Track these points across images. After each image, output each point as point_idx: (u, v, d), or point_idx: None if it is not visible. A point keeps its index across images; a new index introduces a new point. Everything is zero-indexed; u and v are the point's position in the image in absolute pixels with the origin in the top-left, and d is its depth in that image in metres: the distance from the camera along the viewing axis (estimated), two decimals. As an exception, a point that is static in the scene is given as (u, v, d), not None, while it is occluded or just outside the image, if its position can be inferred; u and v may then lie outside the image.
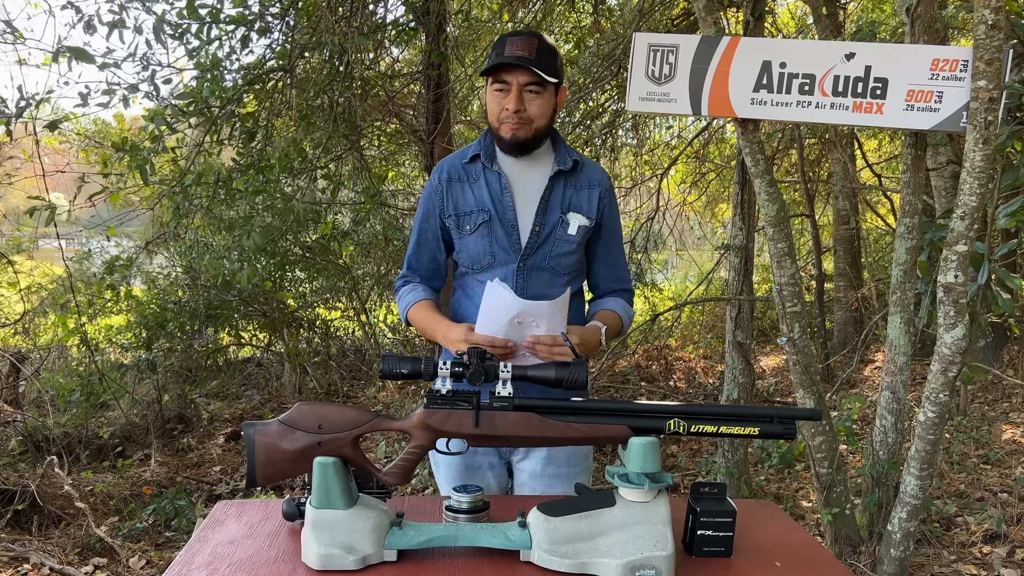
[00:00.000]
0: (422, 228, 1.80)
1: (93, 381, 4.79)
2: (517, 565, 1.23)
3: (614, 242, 1.85)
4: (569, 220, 1.75)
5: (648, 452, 1.21)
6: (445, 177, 1.76)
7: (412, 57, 6.48)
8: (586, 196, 1.77)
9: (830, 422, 2.91)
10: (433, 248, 1.81)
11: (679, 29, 5.37)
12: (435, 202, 1.77)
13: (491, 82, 1.67)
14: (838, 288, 7.25)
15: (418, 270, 1.84)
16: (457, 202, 1.75)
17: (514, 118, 1.66)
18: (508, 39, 1.65)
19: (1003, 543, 3.25)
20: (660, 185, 6.06)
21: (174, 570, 1.21)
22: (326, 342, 6.71)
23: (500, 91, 1.66)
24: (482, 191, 1.73)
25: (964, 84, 2.39)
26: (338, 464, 1.22)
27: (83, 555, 3.34)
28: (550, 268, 1.75)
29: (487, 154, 1.74)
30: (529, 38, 1.65)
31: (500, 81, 1.65)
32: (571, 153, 1.77)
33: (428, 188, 1.79)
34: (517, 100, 1.65)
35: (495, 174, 1.74)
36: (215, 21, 3.93)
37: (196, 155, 4.34)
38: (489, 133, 1.76)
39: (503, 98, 1.67)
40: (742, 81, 2.57)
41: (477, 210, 1.73)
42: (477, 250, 1.73)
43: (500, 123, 1.68)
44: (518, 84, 1.65)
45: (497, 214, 1.72)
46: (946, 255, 2.35)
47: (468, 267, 1.77)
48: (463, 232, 1.74)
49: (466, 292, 1.80)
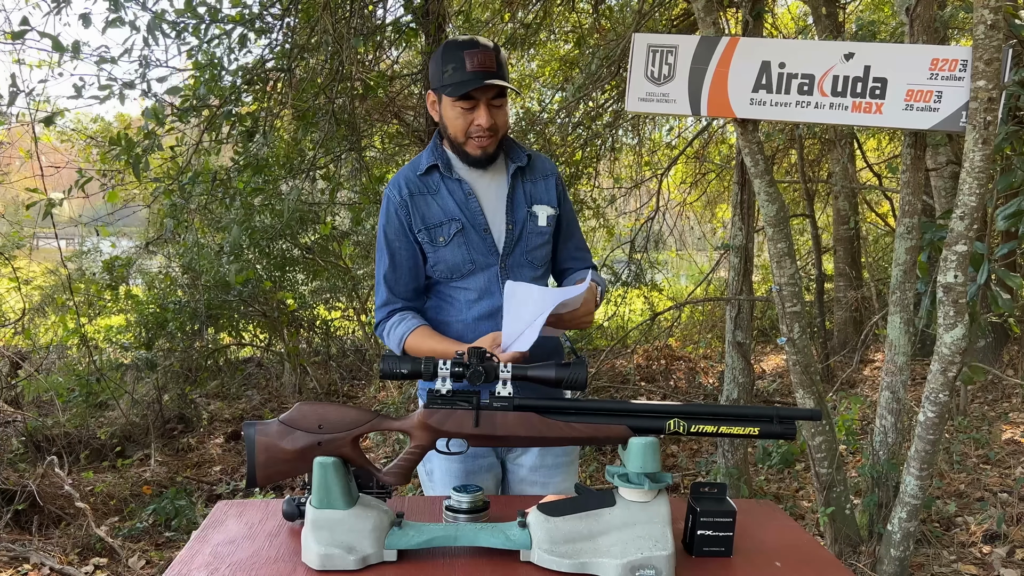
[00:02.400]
0: (393, 249, 1.73)
1: (92, 381, 4.79)
2: (517, 565, 1.23)
3: (573, 225, 1.89)
4: (537, 213, 1.76)
5: (648, 452, 1.21)
6: (406, 192, 1.70)
7: (412, 58, 6.48)
8: (543, 187, 1.79)
9: (830, 422, 2.91)
10: (410, 266, 1.74)
11: (678, 29, 5.37)
12: (401, 219, 1.71)
13: (453, 99, 1.61)
14: (838, 288, 7.25)
15: (400, 293, 1.76)
16: (424, 215, 1.70)
17: (486, 133, 1.64)
18: (465, 52, 1.59)
19: (1003, 543, 3.25)
20: (660, 185, 6.06)
21: (174, 570, 1.21)
22: (326, 342, 6.71)
23: (467, 109, 1.62)
24: (446, 201, 1.71)
25: (963, 84, 2.39)
26: (338, 464, 1.23)
27: (83, 555, 3.34)
28: (528, 263, 1.76)
29: (444, 164, 1.71)
30: (486, 50, 1.60)
31: (466, 98, 1.60)
32: (520, 148, 1.78)
33: (388, 207, 1.72)
34: (488, 116, 1.63)
35: (455, 182, 1.72)
36: (213, 20, 3.93)
37: (194, 154, 4.34)
38: (440, 143, 1.74)
39: (469, 114, 1.63)
40: (741, 81, 2.57)
41: (447, 220, 1.69)
42: (455, 260, 1.70)
43: (467, 138, 1.66)
44: (486, 99, 1.62)
45: (468, 221, 1.70)
46: (946, 255, 2.35)
47: (445, 277, 1.73)
48: (437, 244, 1.70)
49: (445, 299, 1.76)
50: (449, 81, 1.60)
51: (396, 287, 1.75)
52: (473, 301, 1.73)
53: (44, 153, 4.18)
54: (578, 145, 6.06)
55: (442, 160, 1.72)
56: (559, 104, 6.03)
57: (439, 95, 1.66)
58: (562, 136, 5.96)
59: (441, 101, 1.66)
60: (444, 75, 1.61)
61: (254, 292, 5.62)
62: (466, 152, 1.68)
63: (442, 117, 1.68)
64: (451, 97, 1.62)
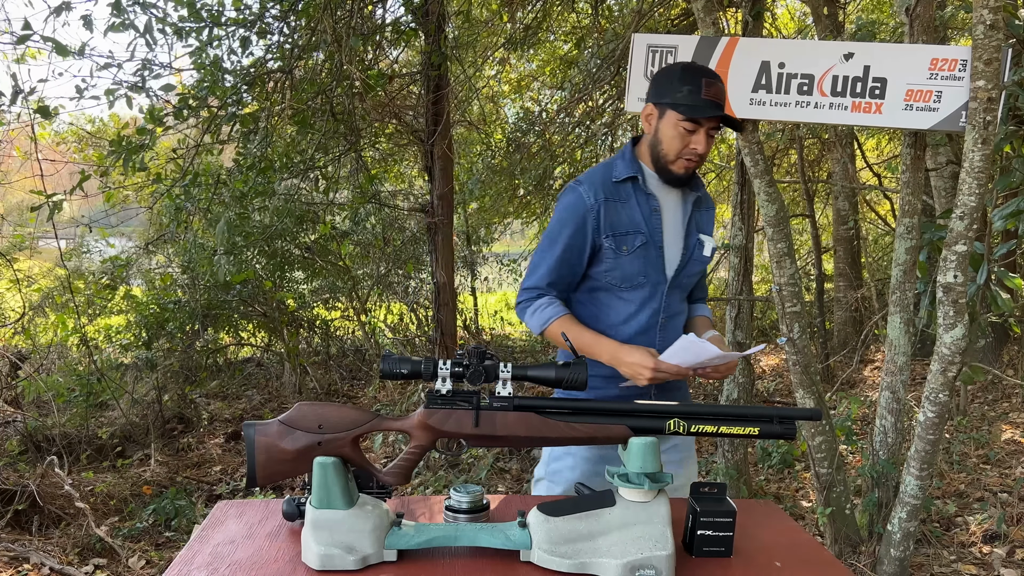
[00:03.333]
0: (568, 244, 1.73)
1: (92, 381, 4.79)
2: (517, 565, 1.23)
3: None
4: (704, 242, 1.82)
5: (648, 452, 1.21)
6: (601, 196, 1.72)
7: (411, 58, 6.48)
8: (707, 218, 1.85)
9: (830, 422, 2.91)
10: (575, 264, 1.75)
11: (678, 30, 5.38)
12: (588, 221, 1.72)
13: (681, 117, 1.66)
14: (838, 288, 7.25)
15: (557, 285, 1.77)
16: (614, 222, 1.72)
17: (696, 158, 1.69)
18: (704, 79, 1.65)
19: (1003, 543, 3.25)
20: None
21: (174, 570, 1.21)
22: (326, 342, 6.71)
23: (689, 131, 1.67)
24: (635, 213, 1.73)
25: (963, 84, 2.39)
26: (338, 464, 1.22)
27: (83, 555, 3.34)
28: (683, 287, 1.82)
29: (641, 176, 1.75)
30: (718, 81, 1.68)
31: (694, 121, 1.66)
32: (700, 179, 1.84)
33: (578, 204, 1.73)
34: (706, 143, 1.68)
35: (646, 196, 1.75)
36: (216, 24, 3.93)
37: (195, 155, 4.34)
38: (636, 154, 1.77)
39: (689, 136, 1.67)
40: (741, 81, 2.58)
41: (634, 231, 1.72)
42: (632, 270, 1.73)
43: (678, 158, 1.70)
44: (708, 127, 1.67)
45: (650, 236, 1.73)
46: (945, 255, 2.36)
47: (616, 285, 1.75)
48: (620, 253, 1.72)
49: (603, 306, 1.78)
50: (684, 101, 1.65)
51: (557, 278, 1.76)
52: (632, 314, 1.76)
53: (42, 153, 4.17)
54: (577, 145, 6.06)
55: (640, 173, 1.75)
56: (559, 103, 6.03)
57: (663, 110, 1.69)
58: (562, 136, 5.96)
59: (663, 116, 1.70)
60: (678, 94, 1.66)
61: (254, 292, 5.62)
62: (671, 170, 1.72)
63: (658, 131, 1.71)
64: (681, 116, 1.66)
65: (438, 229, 5.61)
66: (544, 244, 1.78)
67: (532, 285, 1.78)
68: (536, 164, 5.97)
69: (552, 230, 1.77)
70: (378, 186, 6.00)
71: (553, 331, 1.73)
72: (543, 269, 1.76)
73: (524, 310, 1.79)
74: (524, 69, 7.48)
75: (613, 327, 1.76)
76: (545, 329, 1.74)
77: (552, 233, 1.77)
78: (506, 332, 9.02)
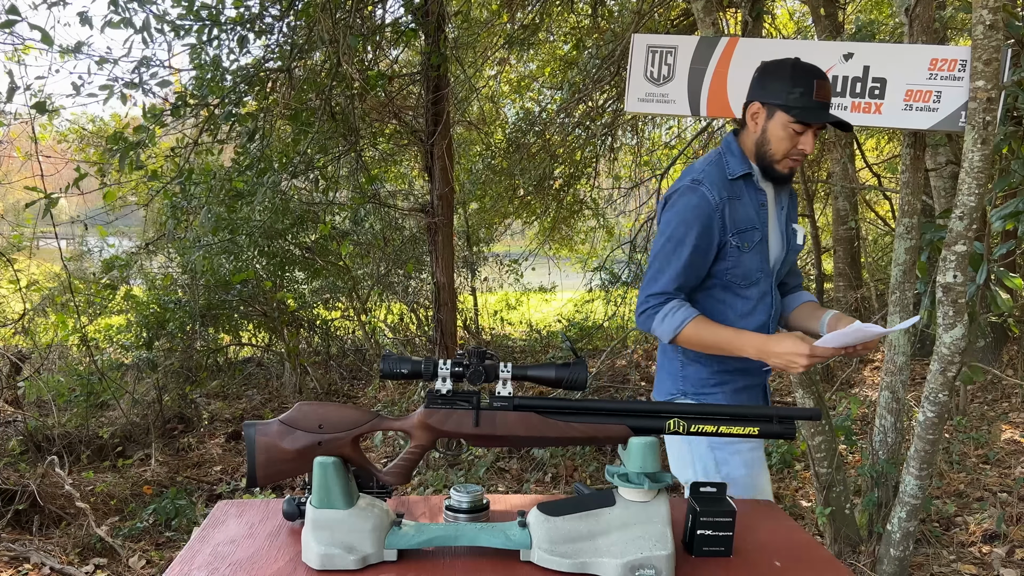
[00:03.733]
0: (696, 245, 1.70)
1: (93, 381, 4.79)
2: (517, 565, 1.23)
3: None
4: (796, 230, 1.86)
5: (648, 452, 1.22)
6: (725, 195, 1.72)
7: (411, 58, 6.49)
8: (792, 205, 1.88)
9: (830, 422, 2.92)
10: (702, 266, 1.73)
11: (678, 30, 5.38)
12: (716, 220, 1.70)
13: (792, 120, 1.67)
14: (838, 288, 7.25)
15: (684, 289, 1.74)
16: (736, 219, 1.73)
17: (801, 157, 1.71)
18: (816, 81, 1.66)
19: (1003, 543, 3.25)
20: (660, 185, 6.06)
21: (174, 570, 1.21)
22: (326, 342, 6.71)
23: (799, 133, 1.68)
24: (748, 208, 1.74)
25: (962, 84, 2.39)
26: (338, 464, 1.23)
27: (83, 555, 3.34)
28: (779, 275, 1.85)
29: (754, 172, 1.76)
30: (827, 82, 1.69)
31: (804, 123, 1.67)
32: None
33: (703, 205, 1.70)
34: (813, 144, 1.69)
35: (756, 191, 1.76)
36: (215, 23, 3.93)
37: (192, 153, 4.34)
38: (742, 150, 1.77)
39: (797, 137, 1.69)
40: (741, 82, 2.57)
41: (751, 228, 1.74)
42: (751, 266, 1.74)
43: (784, 158, 1.71)
44: (815, 128, 1.69)
45: (763, 230, 1.76)
46: (945, 255, 2.36)
47: (735, 282, 1.76)
48: (743, 250, 1.73)
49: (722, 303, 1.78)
50: (796, 103, 1.66)
51: (684, 281, 1.73)
52: (749, 311, 1.77)
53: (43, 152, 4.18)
54: (577, 145, 6.06)
55: (751, 168, 1.76)
56: (559, 103, 6.03)
57: (772, 110, 1.70)
58: (562, 136, 5.96)
59: (772, 116, 1.70)
60: (790, 95, 1.66)
61: (254, 292, 5.62)
62: (775, 169, 1.73)
63: (765, 131, 1.72)
64: (792, 119, 1.67)
65: (438, 229, 5.61)
66: (668, 248, 1.73)
67: (658, 291, 1.73)
68: (536, 164, 5.97)
69: (676, 232, 1.72)
70: (378, 186, 6.00)
71: (687, 335, 1.69)
72: (669, 273, 1.72)
73: (651, 317, 1.73)
74: (524, 69, 7.48)
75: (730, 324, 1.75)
76: (678, 334, 1.70)
77: (676, 235, 1.72)
78: (506, 332, 9.02)
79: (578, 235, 8.65)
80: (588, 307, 8.13)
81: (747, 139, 1.77)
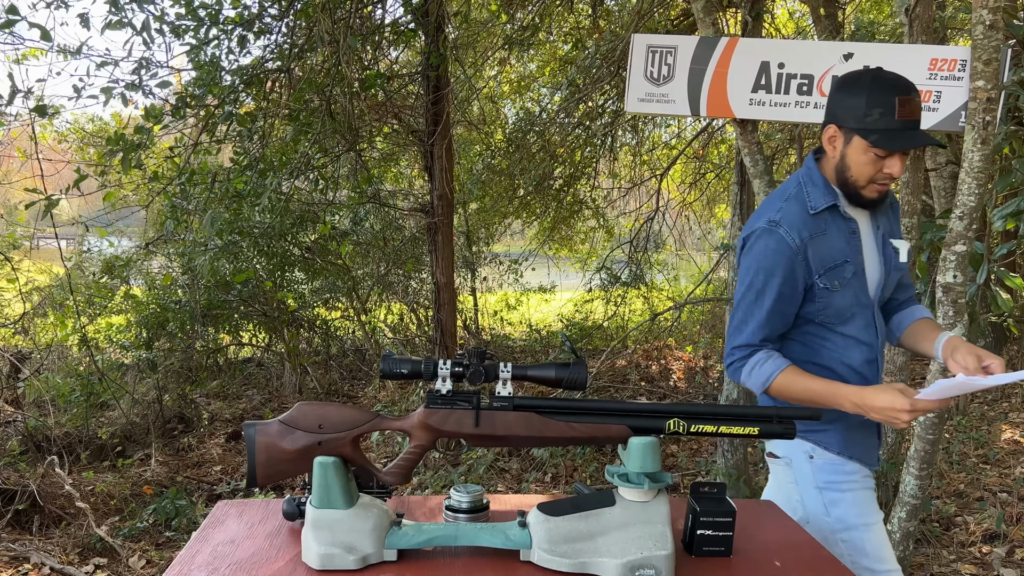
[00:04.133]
0: (780, 295, 1.57)
1: (93, 381, 4.79)
2: (517, 565, 1.23)
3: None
4: (898, 248, 1.67)
5: (648, 452, 1.22)
6: (806, 235, 1.56)
7: (411, 58, 6.49)
8: (893, 219, 1.71)
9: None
10: (788, 313, 1.61)
11: (678, 30, 5.38)
12: (797, 265, 1.56)
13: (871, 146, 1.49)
14: (837, 288, 7.24)
15: (770, 338, 1.62)
16: (822, 258, 1.57)
17: (890, 181, 1.55)
18: (897, 98, 1.47)
19: (1003, 543, 3.25)
20: (659, 185, 6.07)
21: (174, 570, 1.21)
22: (326, 342, 6.71)
23: (882, 157, 1.51)
24: (836, 241, 1.58)
25: (962, 84, 2.39)
26: (338, 464, 1.23)
27: (83, 555, 3.34)
28: (881, 299, 1.69)
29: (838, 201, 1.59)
30: (915, 96, 1.49)
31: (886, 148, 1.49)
32: None
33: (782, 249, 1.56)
34: (902, 166, 1.52)
35: (844, 220, 1.60)
36: (214, 23, 3.94)
37: (192, 154, 4.34)
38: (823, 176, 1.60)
39: (881, 162, 1.51)
40: (740, 81, 2.58)
41: (842, 262, 1.58)
42: (844, 303, 1.60)
43: (869, 183, 1.55)
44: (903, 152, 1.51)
45: (855, 262, 1.59)
46: (945, 255, 2.36)
47: (831, 322, 1.61)
48: (833, 289, 1.58)
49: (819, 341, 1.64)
50: (874, 127, 1.48)
51: (770, 331, 1.61)
52: (852, 346, 1.63)
53: (43, 152, 4.18)
54: (577, 145, 6.06)
55: (836, 197, 1.59)
56: (559, 104, 6.03)
57: (850, 135, 1.53)
58: (562, 136, 5.96)
59: (850, 142, 1.53)
60: (868, 118, 1.49)
61: (254, 292, 5.62)
62: (861, 195, 1.57)
63: (844, 157, 1.55)
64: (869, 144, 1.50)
65: (438, 229, 5.61)
66: (749, 297, 1.61)
67: (743, 343, 1.63)
68: (536, 164, 5.97)
69: (756, 282, 1.60)
70: (377, 186, 6.00)
71: (778, 388, 1.58)
72: (752, 325, 1.61)
73: (739, 370, 1.64)
74: (524, 70, 7.48)
75: (836, 363, 1.63)
76: (768, 387, 1.59)
77: (756, 285, 1.59)
78: (506, 332, 9.02)
79: (578, 235, 8.65)
80: (588, 307, 8.14)
81: (827, 165, 1.61)
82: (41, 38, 3.50)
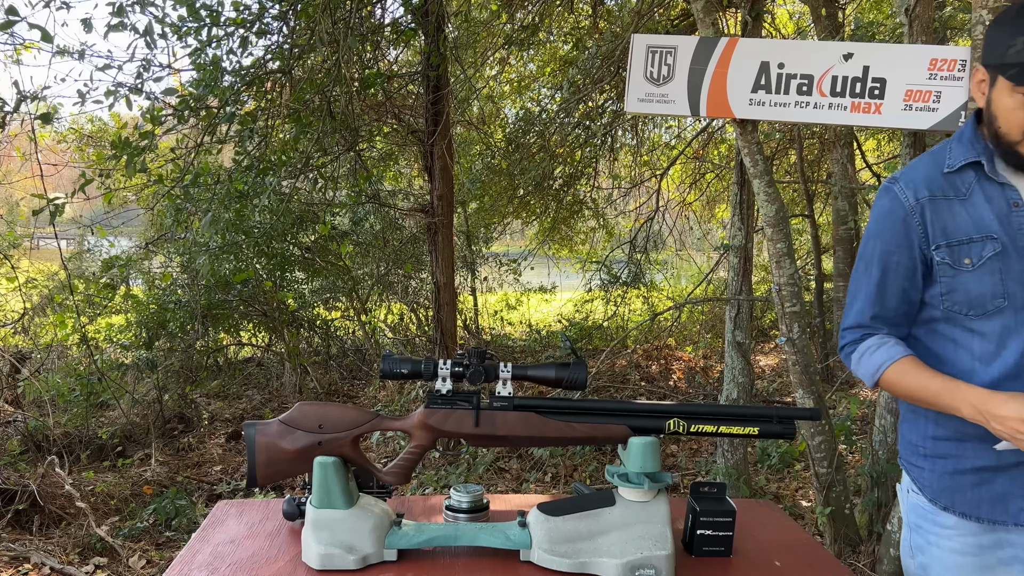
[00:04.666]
0: (887, 263, 1.35)
1: (93, 381, 4.79)
2: (517, 565, 1.23)
3: None
4: None
5: (648, 452, 1.22)
6: (925, 194, 1.31)
7: (411, 58, 6.49)
8: None
9: (829, 422, 2.92)
10: (905, 286, 1.34)
11: (678, 30, 5.38)
12: (911, 226, 1.31)
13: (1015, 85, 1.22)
14: (838, 288, 7.25)
15: (885, 317, 1.37)
16: (946, 226, 1.30)
17: None
18: None
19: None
20: (659, 185, 6.07)
21: (174, 570, 1.21)
22: (326, 342, 6.71)
23: None
24: (981, 211, 1.28)
25: (962, 84, 2.39)
26: (338, 464, 1.23)
27: (84, 555, 3.34)
28: None
29: (989, 161, 1.29)
30: None
31: None
32: None
33: (893, 209, 1.34)
34: None
35: (999, 187, 1.29)
36: (215, 24, 3.94)
37: (194, 156, 4.34)
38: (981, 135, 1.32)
39: None
40: (740, 82, 2.58)
41: (981, 237, 1.27)
42: (981, 291, 1.27)
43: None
44: None
45: (1010, 241, 1.27)
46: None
47: (959, 312, 1.31)
48: (960, 267, 1.29)
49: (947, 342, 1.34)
50: (1015, 59, 1.20)
51: (881, 309, 1.37)
52: (991, 352, 1.29)
53: (42, 153, 4.18)
54: (577, 145, 6.06)
55: (987, 156, 1.29)
56: (559, 104, 6.04)
57: (994, 74, 1.25)
58: (562, 136, 5.96)
59: (995, 84, 1.26)
60: (1011, 49, 1.21)
61: (254, 292, 5.62)
62: (1018, 152, 1.26)
63: (991, 103, 1.27)
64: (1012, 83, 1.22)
65: (438, 229, 5.61)
66: (859, 268, 1.40)
67: (853, 323, 1.40)
68: (536, 164, 5.97)
69: (865, 249, 1.39)
70: (377, 186, 6.00)
71: (889, 380, 1.33)
72: (861, 299, 1.39)
73: (849, 356, 1.41)
74: (524, 70, 7.48)
75: (965, 373, 1.30)
76: (878, 379, 1.34)
77: (865, 252, 1.39)
78: (506, 332, 9.03)
79: (578, 235, 8.66)
80: (588, 307, 8.14)
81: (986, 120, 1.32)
82: (42, 39, 3.50)
